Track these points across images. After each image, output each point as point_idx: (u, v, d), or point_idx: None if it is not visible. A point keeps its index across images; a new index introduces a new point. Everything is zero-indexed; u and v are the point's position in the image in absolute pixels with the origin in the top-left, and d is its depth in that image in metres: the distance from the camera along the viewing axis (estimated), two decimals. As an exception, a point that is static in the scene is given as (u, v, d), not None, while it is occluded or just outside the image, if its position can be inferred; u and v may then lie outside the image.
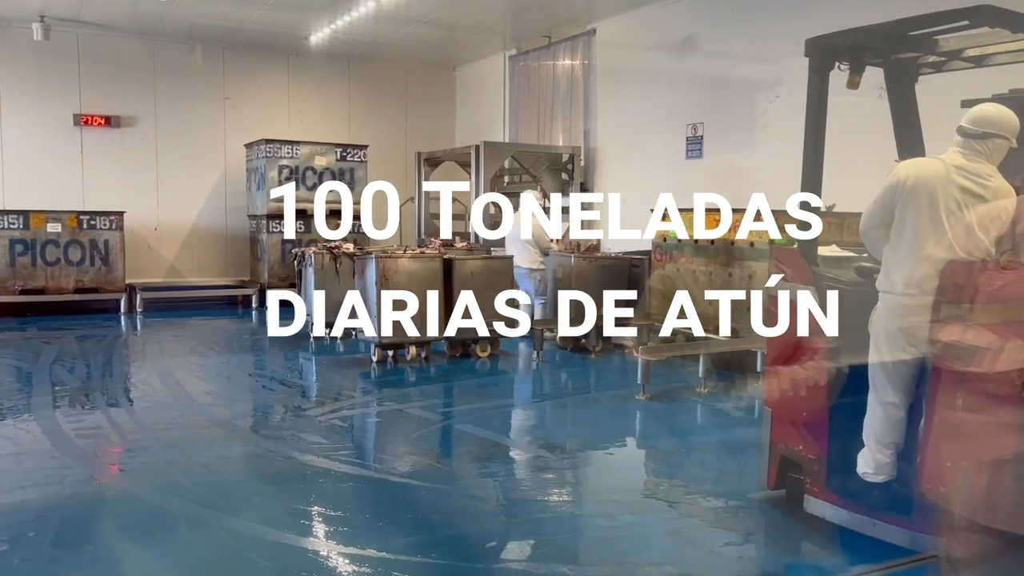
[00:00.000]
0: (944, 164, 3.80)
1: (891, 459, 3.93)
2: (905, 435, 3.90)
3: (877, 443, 3.95)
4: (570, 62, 12.54)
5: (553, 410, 7.23)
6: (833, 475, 4.19)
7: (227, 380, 8.09)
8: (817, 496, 4.26)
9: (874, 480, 3.97)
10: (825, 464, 4.21)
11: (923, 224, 3.76)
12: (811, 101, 4.28)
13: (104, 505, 4.61)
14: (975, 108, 3.89)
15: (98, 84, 13.01)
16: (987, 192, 3.74)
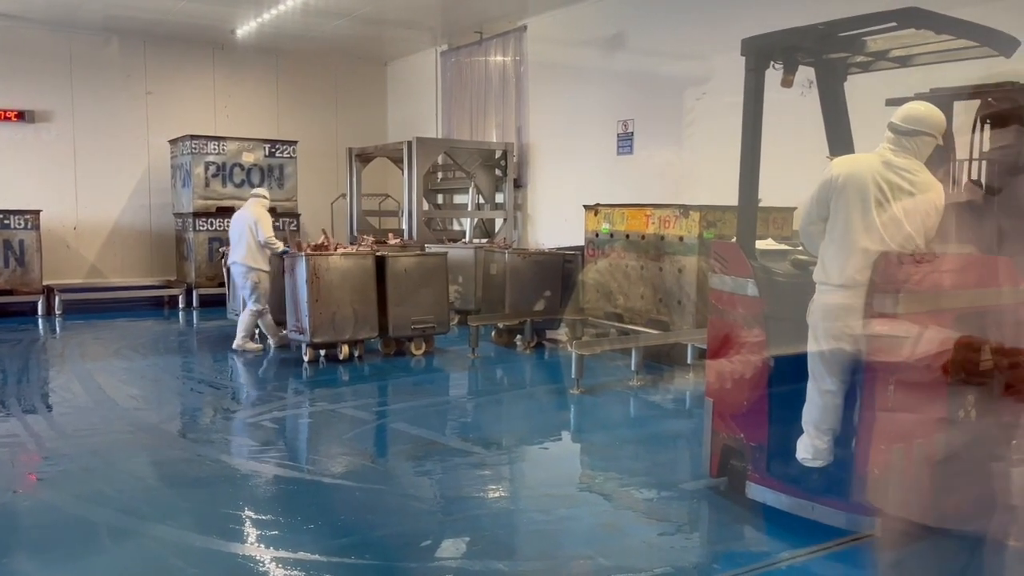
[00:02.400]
0: (875, 160, 3.95)
1: (828, 444, 4.06)
2: (842, 421, 4.04)
3: (816, 429, 4.08)
4: (502, 58, 12.54)
5: (488, 406, 7.23)
6: (773, 461, 4.32)
7: (153, 383, 7.85)
8: (758, 482, 4.38)
9: (812, 465, 4.10)
10: (766, 451, 4.34)
11: (855, 218, 3.90)
12: (747, 99, 4.38)
13: (20, 516, 4.41)
14: (905, 106, 4.04)
15: (10, 77, 12.45)
16: (914, 187, 3.89)
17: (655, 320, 8.17)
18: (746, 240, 4.47)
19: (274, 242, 8.64)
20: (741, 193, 4.48)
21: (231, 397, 7.40)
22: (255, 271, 8.60)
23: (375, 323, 8.42)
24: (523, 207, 12.43)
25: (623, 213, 8.66)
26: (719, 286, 4.60)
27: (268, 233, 8.60)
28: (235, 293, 9.64)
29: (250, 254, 8.59)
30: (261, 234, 8.56)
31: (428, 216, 12.57)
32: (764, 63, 4.37)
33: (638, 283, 8.43)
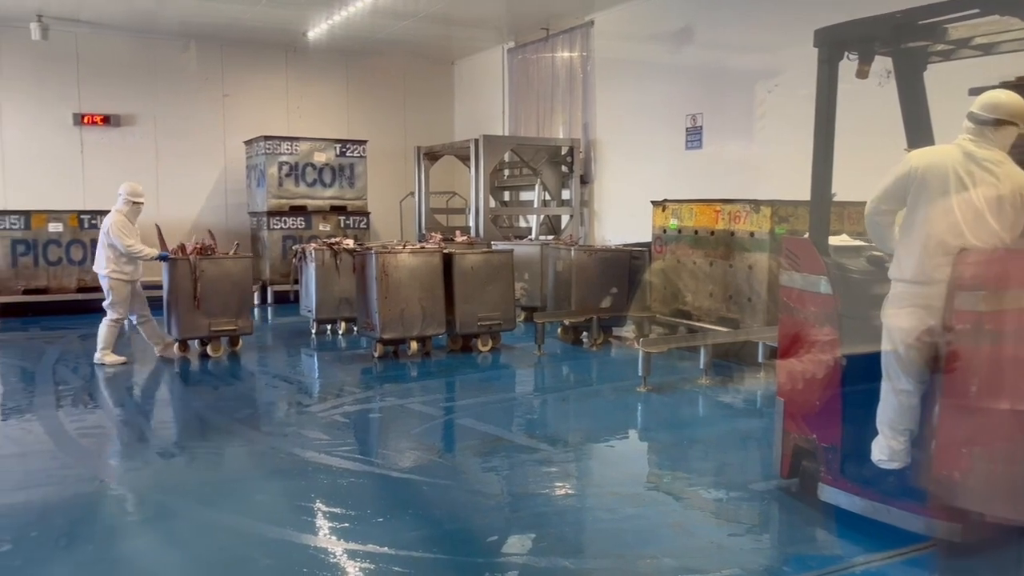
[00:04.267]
0: (955, 151, 3.81)
1: (905, 445, 3.93)
2: (919, 421, 3.91)
3: (891, 430, 3.95)
4: (568, 54, 12.51)
5: (554, 403, 7.23)
6: (847, 463, 4.20)
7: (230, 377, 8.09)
8: (831, 484, 4.26)
9: (888, 467, 3.98)
10: (839, 452, 4.22)
11: (935, 212, 3.76)
12: (820, 91, 4.28)
13: (106, 504, 4.62)
14: (985, 95, 3.88)
15: (97, 83, 13.01)
16: (999, 178, 3.73)
17: (724, 318, 8.04)
18: (819, 236, 4.36)
19: (136, 249, 7.92)
20: (813, 188, 4.36)
21: (304, 392, 7.58)
22: (107, 279, 8.03)
23: (442, 320, 8.51)
24: (589, 203, 12.38)
25: (692, 209, 8.55)
26: (790, 283, 4.49)
27: (125, 242, 7.86)
28: (307, 290, 9.88)
29: (104, 261, 8.03)
30: (118, 244, 7.88)
31: (494, 213, 12.64)
32: (838, 54, 4.25)
33: (707, 280, 8.31)
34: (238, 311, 8.54)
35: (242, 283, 8.61)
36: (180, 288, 8.23)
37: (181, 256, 8.28)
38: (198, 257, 8.26)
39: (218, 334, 8.48)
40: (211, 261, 8.37)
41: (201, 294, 8.16)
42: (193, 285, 8.15)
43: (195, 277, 8.19)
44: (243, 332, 8.67)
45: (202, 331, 8.37)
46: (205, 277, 8.25)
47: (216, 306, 8.37)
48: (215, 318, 8.38)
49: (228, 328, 8.52)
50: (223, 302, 8.41)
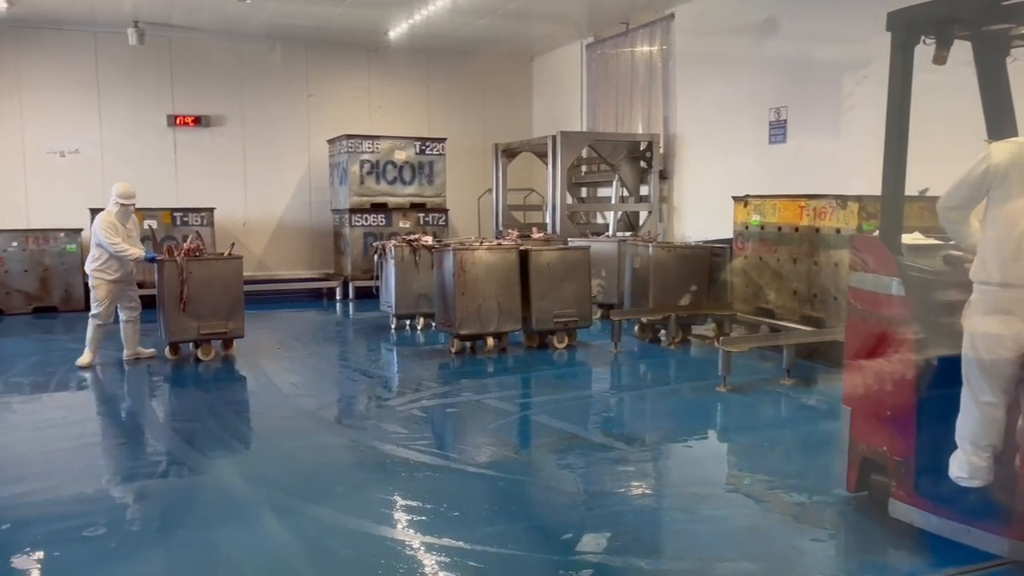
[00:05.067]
0: None
1: (988, 462, 3.67)
2: (1004, 436, 3.65)
3: (972, 445, 3.70)
4: (648, 48, 12.36)
5: (631, 402, 7.16)
6: (921, 478, 3.95)
7: (312, 371, 8.31)
8: (903, 500, 4.03)
9: (969, 484, 3.72)
10: (912, 466, 3.98)
11: (1020, 210, 3.54)
12: (894, 79, 4.03)
13: (195, 492, 4.80)
14: None
15: (189, 85, 13.52)
16: None
17: (808, 317, 7.82)
18: (891, 234, 4.08)
19: (122, 248, 7.87)
20: (885, 182, 4.09)
21: (383, 386, 7.72)
22: (91, 277, 8.06)
23: (519, 316, 8.54)
24: (669, 199, 12.21)
25: (775, 204, 8.34)
26: (860, 285, 4.24)
27: (110, 240, 7.83)
28: (387, 286, 10.05)
29: (90, 260, 8.07)
30: (105, 244, 7.86)
31: (572, 210, 12.59)
32: (914, 38, 3.99)
33: (790, 278, 8.10)
34: (228, 313, 8.25)
35: (233, 285, 8.28)
36: (169, 290, 8.02)
37: (168, 258, 8.08)
38: (186, 259, 8.02)
39: (207, 337, 8.19)
40: (199, 263, 8.12)
41: (188, 296, 7.93)
42: (180, 287, 7.93)
43: (182, 279, 7.94)
44: (235, 335, 8.41)
45: (191, 334, 8.12)
46: (192, 279, 7.98)
47: (205, 308, 8.11)
48: (204, 320, 8.11)
49: (218, 331, 8.24)
50: (212, 304, 8.14)
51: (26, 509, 4.47)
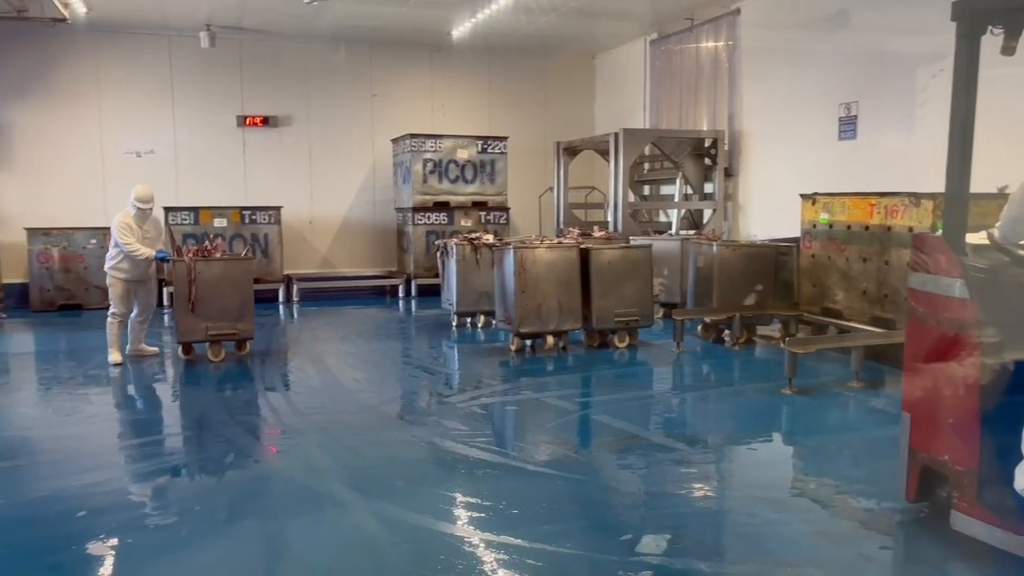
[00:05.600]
0: None
1: None
2: None
3: None
4: (713, 44, 12.17)
5: (694, 402, 7.06)
6: (985, 489, 3.75)
7: (375, 367, 8.42)
8: (966, 512, 3.84)
9: None
10: (975, 477, 3.78)
11: None
12: (959, 71, 3.84)
13: (261, 484, 4.91)
14: None
15: (258, 86, 13.84)
16: None
17: (878, 318, 7.60)
18: (955, 233, 3.89)
19: (133, 248, 7.98)
20: (949, 179, 3.90)
21: (444, 383, 7.77)
22: (107, 275, 8.26)
23: (579, 315, 8.50)
24: (734, 197, 12.00)
25: (844, 202, 8.12)
26: (921, 286, 4.06)
27: (124, 240, 7.98)
28: (448, 284, 10.13)
29: (108, 259, 8.25)
30: (120, 243, 8.03)
31: (634, 208, 12.48)
32: (980, 28, 3.78)
33: (860, 278, 7.88)
34: (238, 314, 8.16)
35: (242, 286, 8.21)
36: (178, 290, 8.06)
37: (177, 258, 8.12)
38: (194, 259, 8.02)
39: (216, 338, 8.12)
40: (208, 263, 8.07)
41: (196, 297, 7.91)
42: (188, 287, 7.92)
43: (190, 279, 7.92)
44: (244, 336, 8.31)
45: (200, 334, 8.09)
46: (201, 280, 7.96)
47: (214, 309, 8.05)
48: (213, 321, 8.05)
49: (227, 332, 8.15)
50: (221, 305, 8.07)
51: (100, 498, 4.64)
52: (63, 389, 7.32)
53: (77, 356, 8.73)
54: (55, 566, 3.74)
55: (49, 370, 8.40)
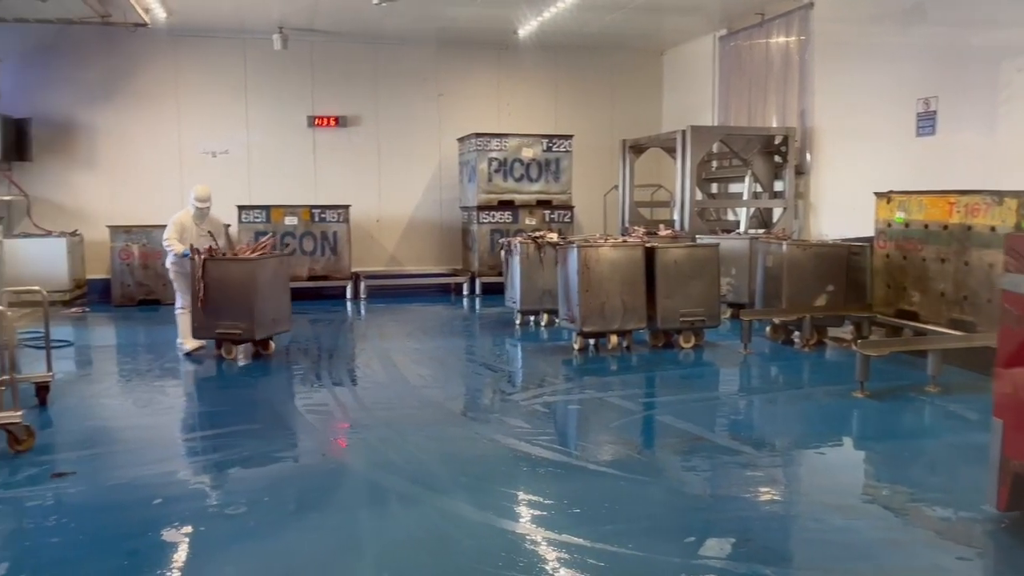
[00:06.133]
0: None
1: None
2: None
3: None
4: (785, 39, 11.90)
5: (761, 405, 6.92)
6: None
7: (439, 364, 8.50)
8: None
9: None
10: None
11: None
12: None
13: (327, 477, 5.00)
14: None
15: (328, 87, 14.12)
16: None
17: (957, 320, 7.33)
18: None
19: (169, 244, 8.45)
20: None
21: (507, 380, 7.80)
22: (169, 271, 8.71)
23: (643, 314, 8.43)
24: (805, 195, 11.71)
25: (921, 201, 7.85)
26: (1014, 288, 3.94)
27: (165, 234, 8.52)
28: (512, 282, 10.16)
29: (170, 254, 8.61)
30: None
31: (701, 206, 12.31)
32: None
33: (937, 279, 7.61)
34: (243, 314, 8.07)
35: (247, 287, 8.10)
36: (193, 288, 8.15)
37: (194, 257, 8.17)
38: (202, 258, 8.08)
39: (222, 337, 8.16)
40: (215, 263, 8.10)
41: (205, 295, 7.97)
42: (196, 285, 8.02)
43: (200, 278, 8.02)
44: (246, 337, 8.17)
45: (210, 332, 8.19)
46: (211, 279, 8.01)
47: (221, 308, 8.05)
48: (220, 320, 8.07)
49: (231, 331, 8.09)
50: (227, 305, 8.04)
51: (174, 486, 4.80)
52: (141, 381, 7.60)
53: (154, 349, 9.04)
54: (133, 552, 3.88)
55: (128, 363, 8.72)
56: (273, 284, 8.39)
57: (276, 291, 8.44)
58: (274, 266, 8.52)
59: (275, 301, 8.40)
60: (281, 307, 8.54)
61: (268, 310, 8.26)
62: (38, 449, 5.32)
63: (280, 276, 8.59)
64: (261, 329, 8.20)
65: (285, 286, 8.66)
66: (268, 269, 8.36)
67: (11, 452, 5.21)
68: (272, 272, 8.42)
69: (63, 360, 8.34)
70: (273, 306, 8.35)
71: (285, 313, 8.63)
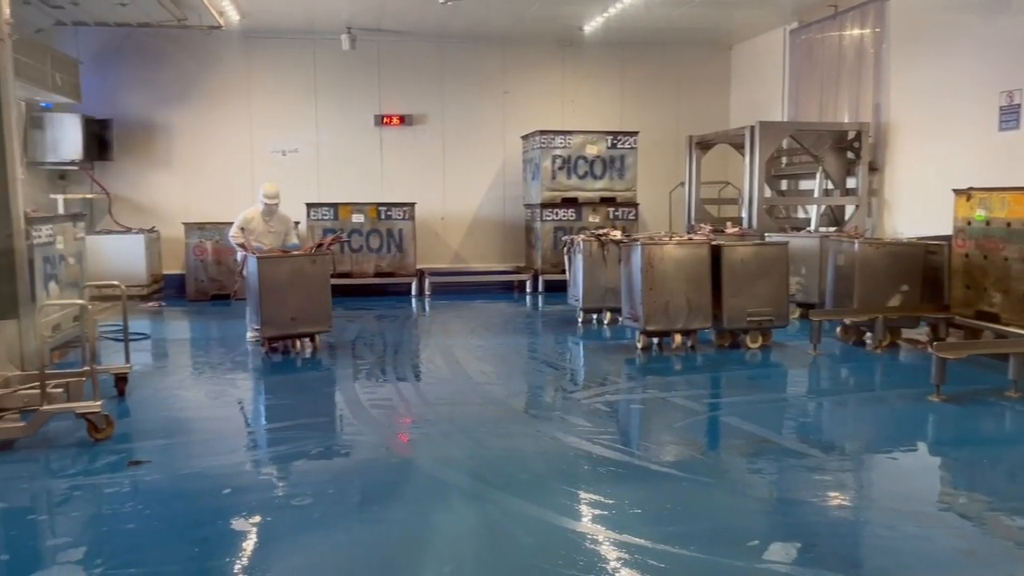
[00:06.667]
0: None
1: None
2: None
3: None
4: (859, 31, 11.56)
5: (830, 407, 6.74)
6: None
7: (501, 360, 8.52)
8: None
9: None
10: None
11: None
12: None
13: (390, 471, 5.06)
14: None
15: (394, 86, 14.29)
16: None
17: (1041, 322, 7.01)
18: None
19: (232, 237, 8.92)
20: None
21: (569, 378, 7.77)
22: None
23: (708, 314, 8.30)
24: (879, 192, 11.36)
25: (1004, 198, 7.54)
26: None
27: (232, 231, 8.93)
28: (575, 280, 10.13)
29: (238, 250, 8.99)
30: None
31: (770, 203, 12.05)
32: None
33: (1020, 279, 7.29)
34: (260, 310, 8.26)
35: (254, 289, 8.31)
36: None
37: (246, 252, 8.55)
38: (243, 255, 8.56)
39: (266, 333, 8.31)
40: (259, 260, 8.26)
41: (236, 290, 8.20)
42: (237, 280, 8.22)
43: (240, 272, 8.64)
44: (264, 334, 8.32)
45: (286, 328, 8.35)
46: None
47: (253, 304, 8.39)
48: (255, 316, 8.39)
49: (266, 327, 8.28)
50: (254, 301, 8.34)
51: (243, 476, 4.93)
52: (213, 373, 7.83)
53: (226, 343, 9.29)
54: (203, 539, 4.00)
55: (201, 355, 8.99)
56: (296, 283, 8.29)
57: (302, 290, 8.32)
58: (298, 264, 8.38)
59: (301, 300, 8.32)
60: (310, 306, 8.40)
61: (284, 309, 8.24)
62: (116, 438, 5.52)
63: (307, 275, 8.39)
64: (269, 328, 8.25)
65: (320, 285, 8.49)
66: (283, 268, 8.30)
67: (91, 440, 5.42)
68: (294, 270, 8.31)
69: (140, 352, 8.65)
70: (297, 305, 8.29)
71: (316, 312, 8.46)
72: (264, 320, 8.24)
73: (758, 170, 11.34)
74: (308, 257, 8.54)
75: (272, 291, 8.21)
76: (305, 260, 8.48)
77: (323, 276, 8.55)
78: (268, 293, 8.21)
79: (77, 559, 3.76)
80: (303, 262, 8.44)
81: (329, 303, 8.66)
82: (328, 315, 8.64)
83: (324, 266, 8.59)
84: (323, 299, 8.56)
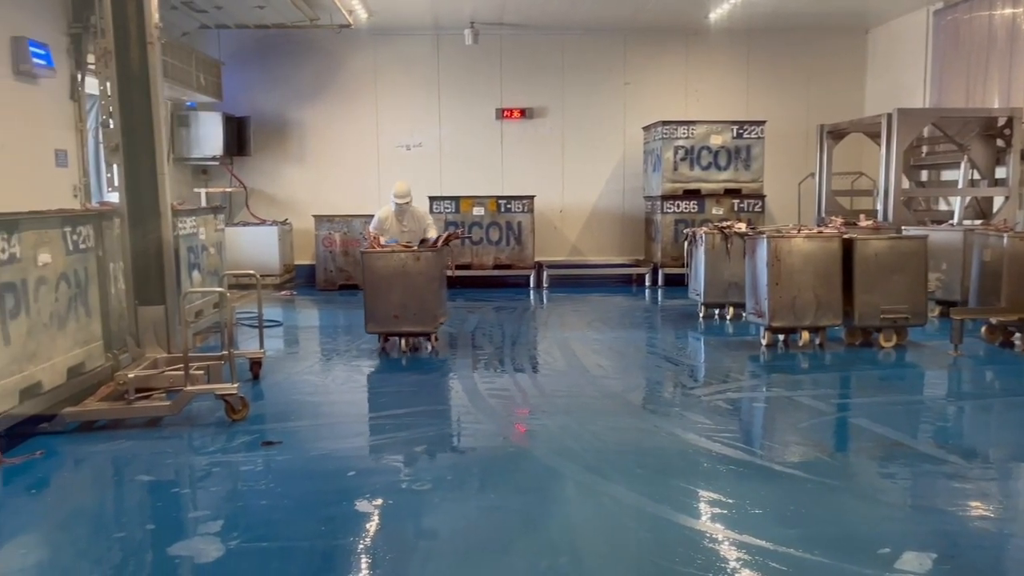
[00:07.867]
0: None
1: None
2: None
3: None
4: (1011, 11, 10.76)
5: (972, 412, 6.33)
6: None
7: (619, 354, 8.45)
8: None
9: None
10: None
11: None
12: None
13: (507, 460, 5.11)
14: None
15: (516, 80, 14.39)
16: None
17: None
18: None
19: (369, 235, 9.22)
20: None
21: (688, 374, 7.62)
22: None
23: (838, 310, 7.95)
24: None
25: None
26: None
27: (370, 227, 9.37)
28: (696, 274, 9.92)
29: None
30: None
31: (908, 195, 11.41)
32: None
33: None
34: None
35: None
36: None
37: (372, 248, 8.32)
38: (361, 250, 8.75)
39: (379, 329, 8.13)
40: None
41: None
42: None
43: None
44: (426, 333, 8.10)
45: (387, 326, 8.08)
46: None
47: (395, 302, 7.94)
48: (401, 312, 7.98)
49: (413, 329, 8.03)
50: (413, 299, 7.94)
51: (366, 460, 5.12)
52: (340, 360, 8.13)
53: (352, 331, 9.63)
54: (329, 519, 4.17)
55: (329, 343, 9.36)
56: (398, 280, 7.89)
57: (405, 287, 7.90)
58: (400, 261, 7.90)
59: (404, 297, 7.91)
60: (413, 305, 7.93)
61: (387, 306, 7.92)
62: (251, 419, 5.83)
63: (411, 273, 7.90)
64: (372, 324, 8.05)
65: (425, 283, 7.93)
66: (385, 263, 7.90)
67: (228, 421, 5.75)
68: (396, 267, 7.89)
69: (273, 338, 9.10)
70: (400, 303, 7.91)
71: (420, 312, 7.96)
72: (368, 315, 8.07)
73: (895, 160, 10.75)
74: (412, 254, 7.94)
75: (375, 287, 7.94)
76: (409, 257, 7.90)
77: (428, 274, 7.92)
78: (371, 288, 7.94)
79: (215, 531, 3.99)
80: (407, 259, 7.89)
81: (438, 303, 8.18)
82: (434, 316, 8.04)
83: (431, 264, 7.95)
84: (429, 299, 7.94)
